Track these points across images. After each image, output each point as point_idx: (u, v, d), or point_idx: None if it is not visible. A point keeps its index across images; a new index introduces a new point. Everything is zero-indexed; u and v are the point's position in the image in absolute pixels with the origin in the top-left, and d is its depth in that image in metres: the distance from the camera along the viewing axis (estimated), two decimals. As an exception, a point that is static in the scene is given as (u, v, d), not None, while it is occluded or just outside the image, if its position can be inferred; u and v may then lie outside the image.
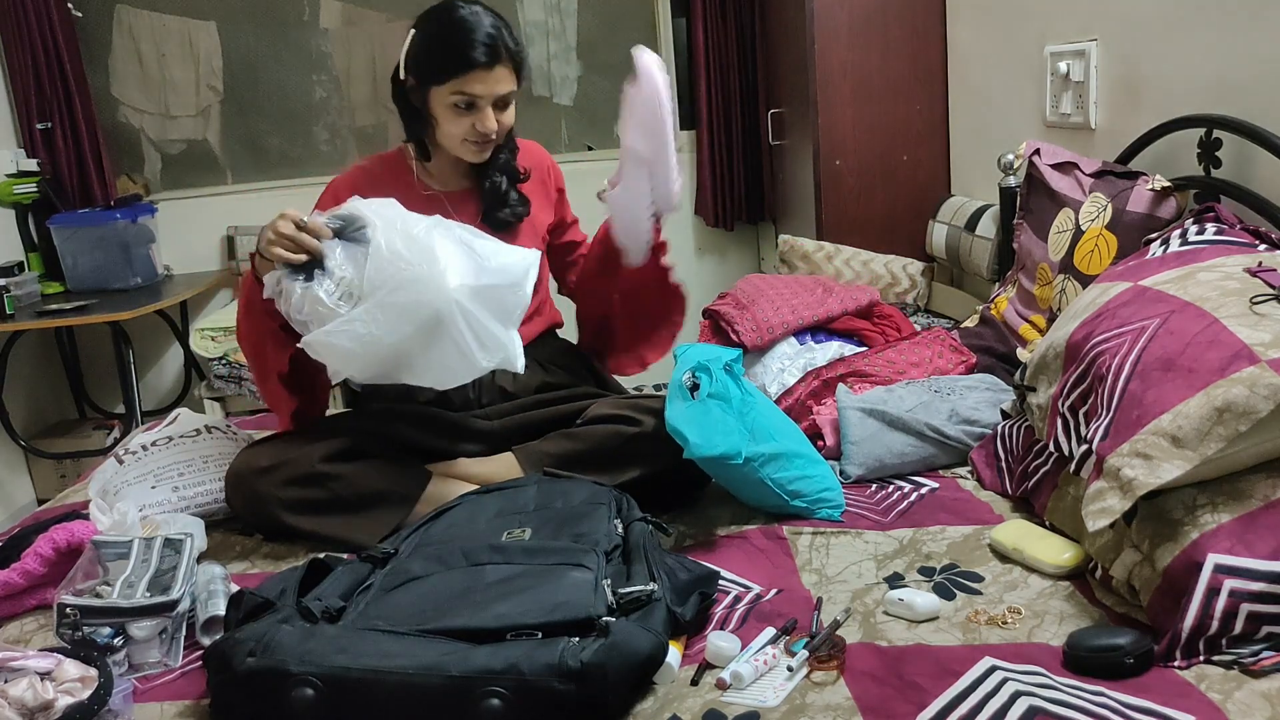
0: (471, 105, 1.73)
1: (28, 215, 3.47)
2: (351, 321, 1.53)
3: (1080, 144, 2.33)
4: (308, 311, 1.55)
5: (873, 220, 3.12)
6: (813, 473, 1.66)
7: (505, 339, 1.62)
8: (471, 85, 1.71)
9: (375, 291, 1.53)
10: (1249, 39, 1.81)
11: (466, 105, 1.73)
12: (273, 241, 1.57)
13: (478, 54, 1.69)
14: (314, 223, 1.57)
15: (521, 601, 1.21)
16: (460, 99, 1.72)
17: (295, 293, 1.54)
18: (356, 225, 1.58)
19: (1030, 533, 1.48)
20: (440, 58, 1.72)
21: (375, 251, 1.54)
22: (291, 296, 1.55)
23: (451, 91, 1.72)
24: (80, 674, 1.16)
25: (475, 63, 1.70)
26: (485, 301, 1.59)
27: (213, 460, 1.84)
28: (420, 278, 1.54)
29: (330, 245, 1.57)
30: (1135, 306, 1.44)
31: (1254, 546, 1.16)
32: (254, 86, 3.85)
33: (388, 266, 1.53)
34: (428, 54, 1.74)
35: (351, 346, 1.53)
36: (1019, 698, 1.09)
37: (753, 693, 1.16)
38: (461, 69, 1.70)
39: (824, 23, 2.99)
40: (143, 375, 3.82)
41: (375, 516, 1.67)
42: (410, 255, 1.54)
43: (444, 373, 1.62)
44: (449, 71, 1.71)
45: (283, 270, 1.57)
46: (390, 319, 1.53)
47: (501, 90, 1.74)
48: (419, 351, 1.58)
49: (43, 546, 1.49)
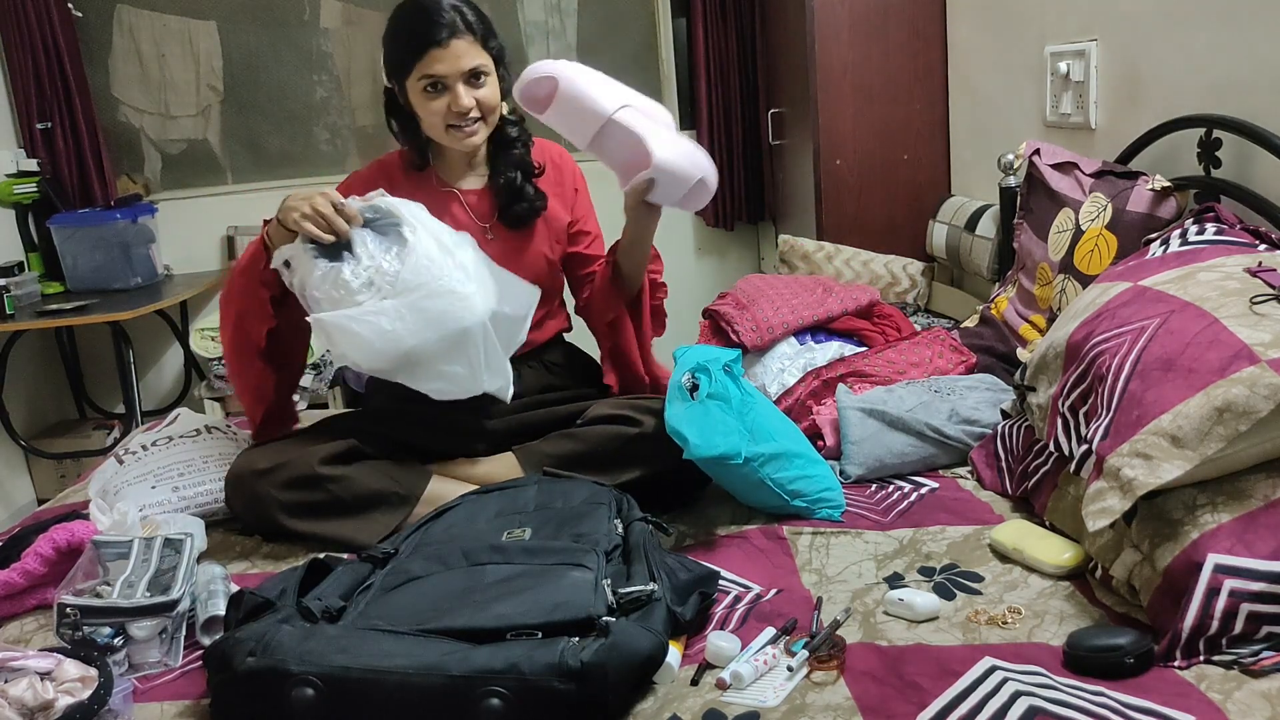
0: (440, 86, 1.71)
1: (28, 215, 3.47)
2: (378, 315, 1.54)
3: (1080, 144, 2.33)
4: (324, 291, 1.57)
5: (873, 220, 3.12)
6: (813, 473, 1.66)
7: (507, 367, 1.69)
8: (433, 65, 1.69)
9: (409, 292, 1.55)
10: (1249, 39, 1.81)
11: (435, 87, 1.72)
12: (306, 216, 1.58)
13: (432, 32, 1.68)
14: (350, 209, 1.60)
15: (521, 601, 1.22)
16: (427, 82, 1.71)
17: (317, 270, 1.56)
18: (389, 220, 1.60)
19: (1030, 533, 1.48)
20: (401, 47, 1.73)
21: (412, 252, 1.57)
22: (313, 272, 1.57)
23: (419, 77, 1.72)
24: (80, 674, 1.16)
25: (431, 41, 1.68)
26: (499, 327, 1.64)
27: (213, 460, 1.84)
28: (456, 291, 1.57)
29: (360, 233, 1.59)
30: (1135, 306, 1.44)
31: (1254, 546, 1.16)
32: (254, 86, 3.85)
33: (424, 271, 1.56)
34: (391, 48, 1.75)
35: (370, 337, 1.55)
36: (1019, 698, 1.09)
37: (753, 693, 1.16)
38: (419, 51, 1.69)
39: (824, 23, 2.99)
40: (143, 375, 3.81)
41: (375, 518, 1.67)
42: (446, 266, 1.58)
43: (447, 385, 1.64)
44: (411, 56, 1.71)
45: (305, 245, 1.58)
46: (418, 322, 1.56)
47: (466, 64, 1.71)
48: (433, 360, 1.60)
49: (43, 546, 1.49)
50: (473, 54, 1.72)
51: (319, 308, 1.58)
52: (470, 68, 1.72)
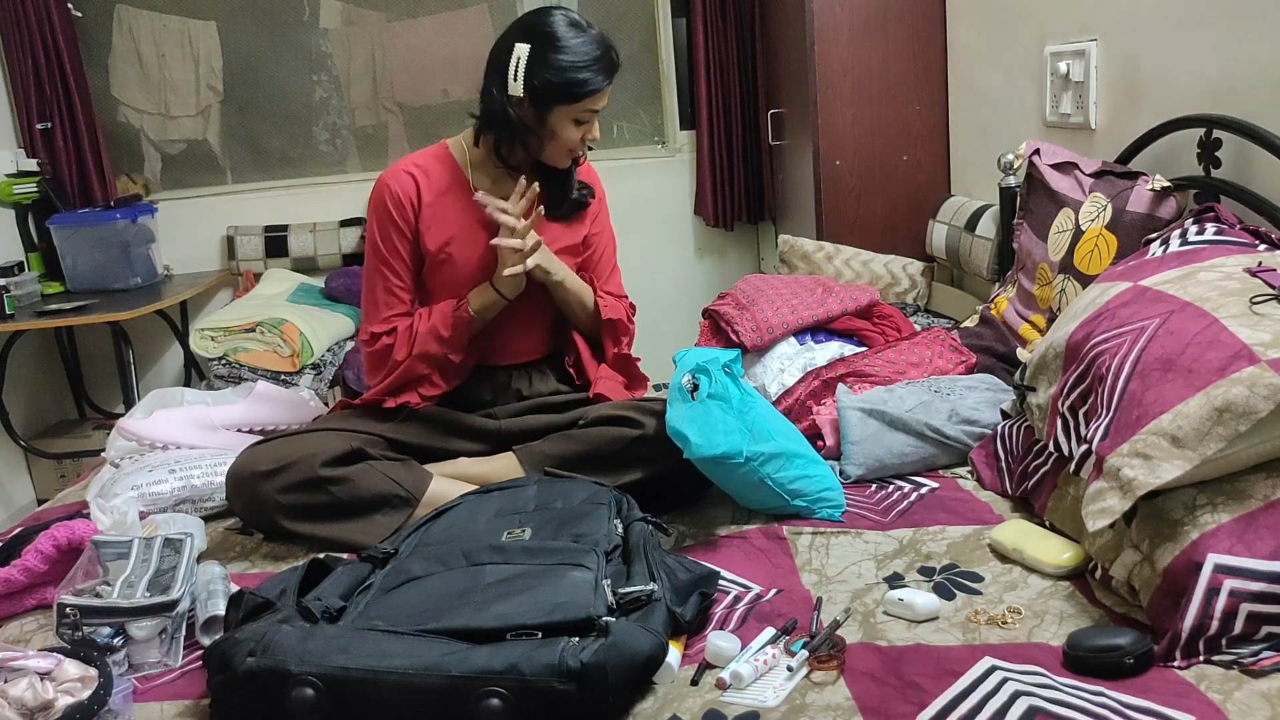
0: (588, 119, 1.80)
1: (28, 215, 3.47)
2: None
3: (1080, 144, 2.33)
4: None
5: (873, 220, 3.12)
6: (813, 472, 1.66)
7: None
8: (597, 103, 1.79)
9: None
10: (1249, 39, 1.81)
11: (583, 120, 1.79)
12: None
13: (604, 75, 1.77)
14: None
15: (521, 601, 1.21)
16: (585, 114, 1.79)
17: None
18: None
19: (1030, 533, 1.48)
20: (572, 81, 1.74)
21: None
22: None
23: (582, 110, 1.78)
24: (80, 674, 1.16)
25: (606, 80, 1.78)
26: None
27: (208, 451, 1.85)
28: None
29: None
30: (1135, 306, 1.44)
31: (1254, 546, 1.16)
32: (254, 86, 3.85)
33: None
34: (556, 71, 1.73)
35: None
36: (1019, 698, 1.09)
37: (753, 693, 1.16)
38: (594, 89, 1.76)
39: (824, 23, 2.99)
40: (143, 375, 3.81)
41: (377, 521, 1.67)
42: None
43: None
44: (582, 89, 1.75)
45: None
46: None
47: (606, 103, 1.82)
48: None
49: (44, 544, 1.49)
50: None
51: None
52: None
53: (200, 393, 2.18)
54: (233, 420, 2.01)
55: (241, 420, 2.02)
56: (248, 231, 3.79)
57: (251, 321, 3.21)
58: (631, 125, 4.08)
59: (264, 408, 2.06)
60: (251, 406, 2.05)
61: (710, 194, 3.90)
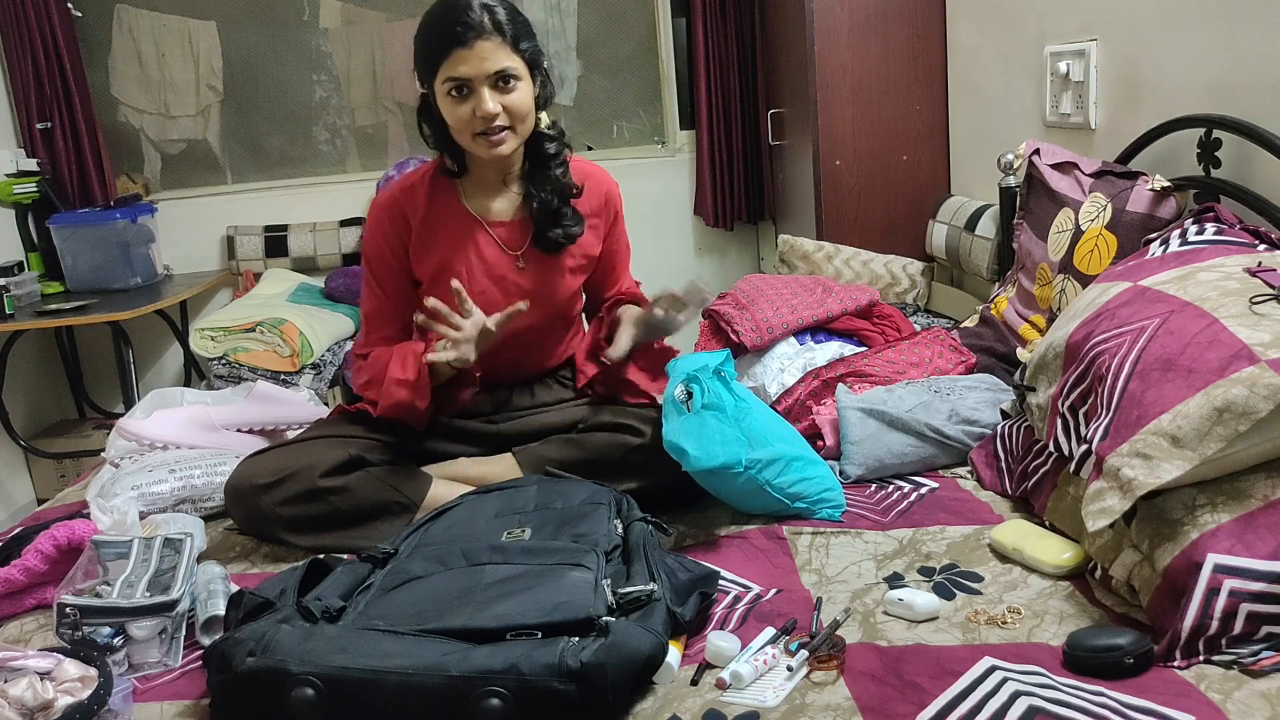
0: (465, 89, 1.63)
1: (28, 215, 3.47)
2: None
3: (1080, 144, 2.33)
4: None
5: (873, 220, 3.12)
6: (812, 474, 1.66)
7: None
8: (457, 67, 1.61)
9: None
10: (1249, 39, 1.81)
11: (460, 90, 1.63)
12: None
13: (457, 32, 1.59)
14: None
15: (521, 601, 1.21)
16: (451, 84, 1.63)
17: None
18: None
19: (1030, 533, 1.48)
20: (427, 47, 1.65)
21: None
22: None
23: (443, 80, 1.63)
24: (80, 674, 1.16)
25: (456, 41, 1.59)
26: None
27: (208, 452, 1.85)
28: None
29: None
30: (1135, 306, 1.44)
31: (1254, 546, 1.16)
32: (254, 86, 3.85)
33: None
34: (419, 48, 1.68)
35: None
36: (1019, 698, 1.09)
37: (752, 693, 1.16)
38: (444, 52, 1.61)
39: (824, 23, 2.99)
40: (143, 375, 3.81)
41: (377, 528, 1.66)
42: None
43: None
44: (436, 57, 1.63)
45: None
46: None
47: (491, 67, 1.61)
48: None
49: (44, 543, 1.49)
50: (500, 56, 1.62)
51: None
52: (496, 70, 1.62)
53: (200, 393, 2.18)
54: (232, 420, 2.01)
55: (241, 420, 2.02)
56: (247, 231, 3.79)
57: (251, 321, 3.22)
58: (631, 125, 4.08)
59: (264, 407, 2.06)
60: (251, 406, 2.05)
61: (710, 194, 3.90)
